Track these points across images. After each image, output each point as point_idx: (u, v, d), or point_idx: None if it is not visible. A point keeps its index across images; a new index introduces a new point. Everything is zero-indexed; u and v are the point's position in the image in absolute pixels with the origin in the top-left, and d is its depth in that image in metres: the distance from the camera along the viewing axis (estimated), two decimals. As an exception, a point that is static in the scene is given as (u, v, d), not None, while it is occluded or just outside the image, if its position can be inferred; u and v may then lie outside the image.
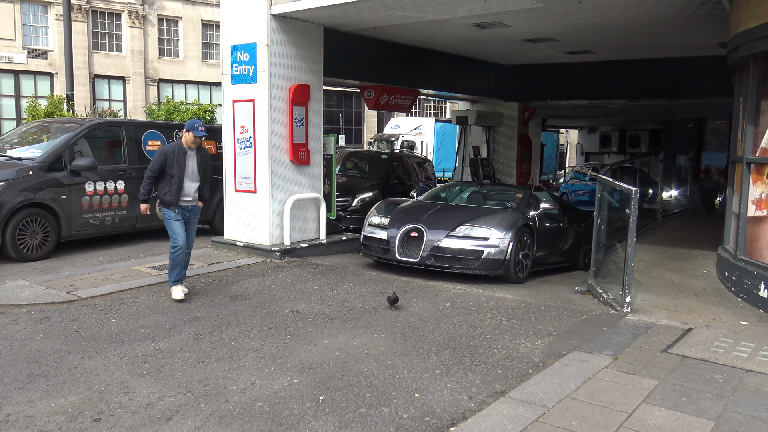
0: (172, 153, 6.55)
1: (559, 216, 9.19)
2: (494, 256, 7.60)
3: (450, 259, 7.74)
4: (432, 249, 7.78)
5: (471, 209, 8.62)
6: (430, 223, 8.06)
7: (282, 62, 8.94)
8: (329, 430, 3.87)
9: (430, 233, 7.87)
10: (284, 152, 9.05)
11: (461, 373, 4.81)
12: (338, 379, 4.64)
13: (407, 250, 7.95)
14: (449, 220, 8.08)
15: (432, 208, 8.61)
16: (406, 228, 8.08)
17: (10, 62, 30.47)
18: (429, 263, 7.79)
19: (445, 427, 3.92)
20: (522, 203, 8.86)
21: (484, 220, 7.92)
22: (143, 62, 33.22)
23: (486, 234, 7.71)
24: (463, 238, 7.75)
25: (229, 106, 9.31)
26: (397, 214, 8.51)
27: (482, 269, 7.67)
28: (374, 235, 8.45)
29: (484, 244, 7.65)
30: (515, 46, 11.36)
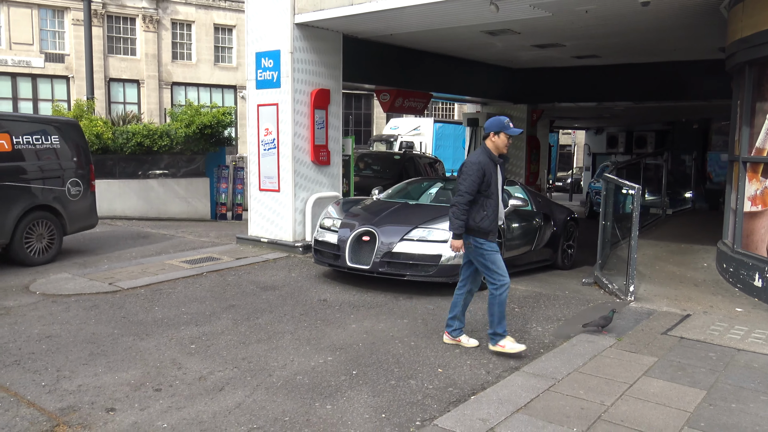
0: (487, 166, 5.06)
1: (532, 213, 8.61)
2: (454, 261, 6.76)
3: (405, 265, 6.96)
4: (385, 254, 7.00)
5: (431, 209, 7.85)
6: (383, 225, 7.30)
7: (304, 68, 9.46)
8: (364, 398, 4.37)
9: (383, 237, 7.09)
10: (306, 153, 9.57)
11: (479, 352, 5.31)
12: (368, 357, 5.15)
13: (359, 256, 7.16)
14: (405, 221, 7.37)
15: (388, 208, 7.87)
16: (357, 231, 7.27)
17: (28, 66, 31.17)
18: (382, 270, 6.99)
19: (466, 395, 4.42)
20: None
21: (443, 221, 6.88)
22: (157, 66, 33.88)
23: (444, 237, 6.83)
24: (420, 242, 6.99)
25: (253, 110, 9.84)
26: (349, 216, 7.77)
27: (440, 276, 6.89)
28: (325, 239, 7.68)
29: (442, 248, 6.87)
30: (524, 51, 11.85)
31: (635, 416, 4.01)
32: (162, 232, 11.51)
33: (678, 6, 7.94)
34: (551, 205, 9.51)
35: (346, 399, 4.37)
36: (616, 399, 4.26)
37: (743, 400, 4.28)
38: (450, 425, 3.87)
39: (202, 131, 14.21)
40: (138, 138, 13.54)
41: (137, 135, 13.59)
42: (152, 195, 14.12)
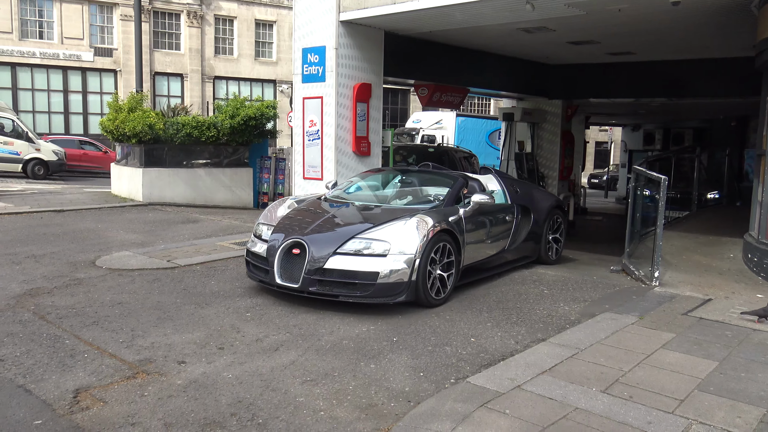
0: None
1: (504, 208, 7.77)
2: (393, 278, 5.85)
3: (338, 284, 5.95)
4: (315, 271, 5.95)
5: (377, 213, 6.91)
6: (317, 234, 6.28)
7: (347, 63, 9.99)
8: (404, 360, 4.88)
9: (313, 249, 6.03)
10: (348, 144, 10.11)
11: (509, 325, 5.78)
12: (407, 327, 5.66)
13: (290, 272, 6.14)
14: (343, 229, 6.42)
15: (328, 212, 6.94)
16: (287, 242, 6.25)
17: (78, 60, 32.43)
18: (312, 290, 5.99)
19: (496, 360, 4.89)
20: (447, 199, 7.08)
21: (383, 230, 6.10)
22: (200, 60, 34.89)
23: (383, 249, 5.92)
24: (356, 256, 5.94)
25: (299, 102, 10.41)
26: (284, 221, 6.74)
27: (378, 297, 5.88)
28: (255, 250, 6.67)
29: (380, 263, 5.87)
30: (560, 48, 12.17)
31: (650, 380, 4.43)
32: (210, 218, 12.19)
33: (708, 5, 8.21)
34: (533, 194, 8.57)
35: (388, 360, 4.88)
36: (633, 366, 4.68)
37: (752, 371, 4.66)
38: (481, 382, 4.35)
39: (246, 123, 14.85)
40: (187, 129, 14.25)
41: (186, 126, 14.30)
42: (199, 183, 14.82)
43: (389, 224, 6.20)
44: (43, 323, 5.51)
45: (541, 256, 8.39)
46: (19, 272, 7.30)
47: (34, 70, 31.65)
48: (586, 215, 18.52)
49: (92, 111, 33.12)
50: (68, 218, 11.59)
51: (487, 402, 4.01)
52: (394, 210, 6.83)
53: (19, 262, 7.79)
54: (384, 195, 7.78)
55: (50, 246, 8.86)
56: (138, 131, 13.68)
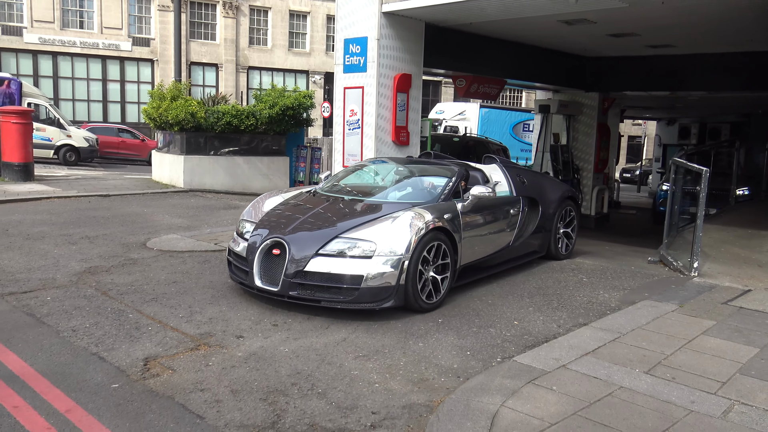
0: None
1: (509, 201, 7.25)
2: (379, 282, 5.37)
3: (320, 288, 5.47)
4: (296, 274, 5.48)
5: (366, 209, 6.29)
6: (298, 233, 5.77)
7: (388, 54, 10.16)
8: (450, 340, 5.08)
9: (294, 250, 5.57)
10: (388, 133, 10.29)
11: (550, 311, 5.94)
12: (451, 310, 5.86)
13: (270, 274, 5.68)
14: (327, 227, 5.83)
15: (314, 208, 6.35)
16: (267, 242, 5.79)
17: (117, 50, 33.11)
18: (293, 294, 5.50)
19: (540, 342, 5.06)
20: (442, 193, 6.52)
21: (369, 229, 5.65)
22: (235, 50, 35.35)
23: (369, 249, 5.46)
24: (339, 257, 5.46)
25: (340, 92, 10.62)
26: (267, 217, 6.30)
27: (363, 302, 5.38)
28: (236, 249, 6.20)
29: (365, 265, 5.40)
30: (599, 40, 12.16)
31: (692, 364, 4.56)
32: (250, 204, 12.52)
33: (755, -3, 8.20)
34: (542, 184, 8.06)
35: (435, 339, 5.09)
36: (675, 350, 4.82)
37: (794, 358, 4.76)
38: (527, 361, 4.53)
39: (284, 112, 15.14)
40: (227, 118, 14.58)
41: (227, 115, 14.63)
42: (238, 171, 15.17)
43: (376, 222, 5.74)
44: (106, 298, 5.83)
45: (551, 252, 7.92)
46: (77, 252, 7.66)
47: (75, 59, 32.42)
48: (619, 209, 18.49)
49: (129, 100, 33.83)
50: (115, 202, 12.01)
51: (534, 379, 4.19)
52: (385, 205, 6.28)
53: (75, 243, 8.15)
54: (378, 188, 7.16)
55: (101, 228, 9.23)
56: (180, 119, 14.05)
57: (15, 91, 20.66)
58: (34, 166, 14.98)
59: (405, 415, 3.79)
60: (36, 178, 14.72)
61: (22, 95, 20.98)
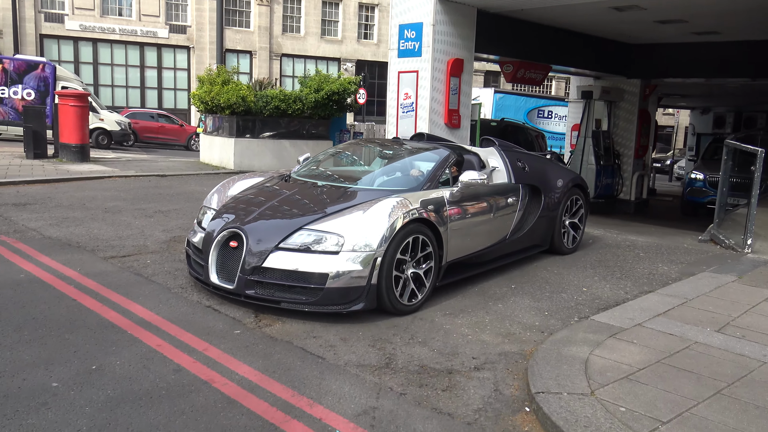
0: None
1: (505, 188, 6.46)
2: (347, 281, 4.67)
3: (281, 287, 4.78)
4: (253, 270, 4.80)
5: (339, 196, 5.52)
6: (258, 223, 5.10)
7: (442, 39, 10.50)
8: (526, 302, 5.47)
9: (252, 242, 4.88)
10: (441, 116, 10.66)
11: (615, 280, 6.30)
12: (521, 278, 6.25)
13: (227, 269, 5.00)
14: (291, 217, 5.13)
15: (281, 194, 5.67)
16: (224, 232, 5.10)
17: (154, 37, 33.77)
18: (250, 293, 4.82)
19: (611, 306, 5.43)
20: (427, 179, 5.79)
21: (338, 219, 4.96)
22: (268, 38, 35.84)
23: (336, 243, 4.75)
24: (302, 252, 4.77)
25: (394, 76, 11.00)
26: (230, 204, 5.61)
27: (328, 304, 4.70)
28: (193, 240, 5.53)
29: (331, 261, 4.69)
30: (645, 26, 12.37)
31: (759, 324, 4.90)
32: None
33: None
34: (545, 171, 7.24)
35: (512, 302, 5.48)
36: (741, 313, 5.16)
37: None
38: (604, 320, 4.90)
39: (330, 97, 15.56)
40: (276, 102, 15.05)
41: (275, 99, 15.09)
42: (284, 154, 15.63)
43: (346, 212, 5.03)
44: (200, 263, 6.29)
45: (555, 245, 7.17)
46: (156, 223, 8.16)
47: (114, 45, 33.15)
48: (655, 195, 18.66)
49: (166, 86, 34.52)
50: (173, 182, 12.55)
51: (614, 334, 4.57)
52: (362, 193, 5.52)
53: (151, 216, 8.67)
54: (358, 173, 6.46)
55: (170, 204, 9.75)
56: (231, 103, 14.54)
57: (49, 75, 21.27)
58: (89, 148, 15.60)
59: (502, 360, 4.19)
60: (91, 160, 15.33)
61: (56, 79, 21.59)
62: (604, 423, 3.23)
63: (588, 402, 3.46)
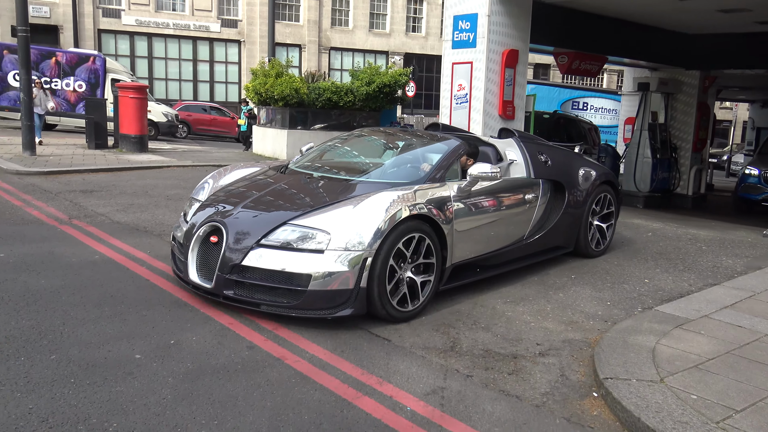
0: None
1: (522, 184, 5.86)
2: (332, 283, 4.19)
3: (261, 288, 4.32)
4: (232, 269, 4.36)
5: (333, 189, 5.03)
6: (241, 217, 4.65)
7: (497, 30, 10.44)
8: (588, 292, 5.44)
9: (232, 238, 4.45)
10: (495, 107, 10.61)
11: (677, 272, 6.20)
12: (580, 269, 6.20)
13: (207, 267, 4.56)
14: (277, 210, 4.71)
15: (272, 186, 5.20)
16: (204, 226, 4.68)
17: (207, 31, 34.46)
18: (228, 294, 4.38)
19: (674, 297, 5.35)
20: (431, 172, 5.23)
21: (325, 214, 4.47)
22: (317, 31, 36.16)
23: (321, 241, 4.27)
24: (284, 249, 4.31)
25: (448, 68, 10.99)
26: (217, 195, 5.18)
27: (310, 308, 4.23)
28: (177, 234, 5.09)
29: (315, 261, 4.22)
30: (706, 16, 12.04)
31: (833, 319, 4.77)
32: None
33: None
34: (570, 165, 6.56)
35: (573, 291, 5.46)
36: (813, 308, 5.03)
37: None
38: (670, 311, 4.84)
39: (381, 90, 15.64)
40: (328, 94, 15.21)
41: (327, 91, 15.26)
42: (335, 146, 15.78)
43: (335, 206, 4.53)
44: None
45: (580, 247, 6.54)
46: (216, 211, 8.37)
47: (168, 40, 33.97)
48: (713, 191, 18.16)
49: (218, 79, 35.21)
50: (229, 172, 12.80)
51: (680, 325, 4.51)
52: (360, 185, 5.04)
53: (211, 204, 8.89)
54: (359, 164, 5.97)
55: (228, 192, 9.97)
56: (285, 95, 14.77)
57: (100, 67, 21.93)
58: (148, 139, 16.07)
59: (566, 347, 4.20)
60: (149, 150, 15.79)
61: (106, 71, 22.21)
62: (675, 409, 3.21)
63: (658, 389, 3.44)
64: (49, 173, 10.80)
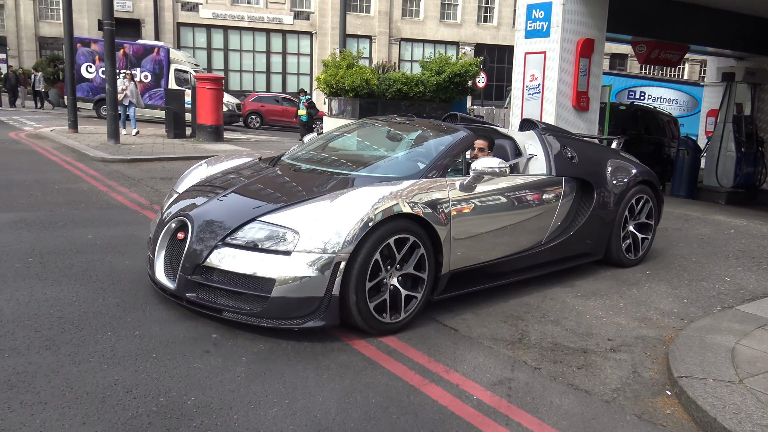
0: None
1: (541, 182, 5.23)
2: (298, 290, 3.68)
3: (224, 292, 3.83)
4: (194, 269, 3.90)
5: (318, 182, 4.51)
6: (209, 210, 4.20)
7: (572, 18, 10.18)
8: (663, 289, 5.27)
9: (196, 235, 3.99)
10: (568, 98, 10.37)
11: (761, 271, 5.91)
12: (656, 264, 6.01)
13: (173, 265, 4.10)
14: (248, 206, 4.17)
15: (252, 178, 4.73)
16: (173, 221, 4.24)
17: (280, 23, 35.15)
18: (190, 297, 3.91)
19: (758, 296, 5.11)
20: (430, 166, 4.63)
21: (295, 210, 3.96)
22: (388, 22, 36.24)
23: (288, 241, 3.77)
24: (249, 249, 3.81)
25: (520, 58, 10.81)
26: (196, 187, 4.80)
27: (273, 317, 3.71)
28: (151, 227, 4.68)
29: (280, 264, 3.70)
30: (800, 0, 11.35)
31: None
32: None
33: None
34: (601, 161, 5.83)
35: (648, 288, 5.30)
36: None
37: None
38: (751, 311, 4.63)
39: (451, 80, 15.54)
40: (398, 85, 15.24)
41: (397, 82, 15.29)
42: (404, 136, 15.81)
43: (309, 202, 4.01)
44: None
45: (611, 255, 5.77)
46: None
47: (242, 32, 34.85)
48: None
49: (290, 71, 35.89)
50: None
51: (763, 325, 4.31)
52: (347, 180, 4.51)
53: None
54: (357, 156, 5.50)
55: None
56: (356, 86, 14.91)
57: (164, 58, 22.66)
58: (223, 129, 16.58)
59: (639, 344, 4.09)
60: (224, 140, 16.29)
61: (170, 62, 22.89)
62: (755, 411, 3.09)
63: (736, 390, 3.31)
64: (131, 161, 11.33)
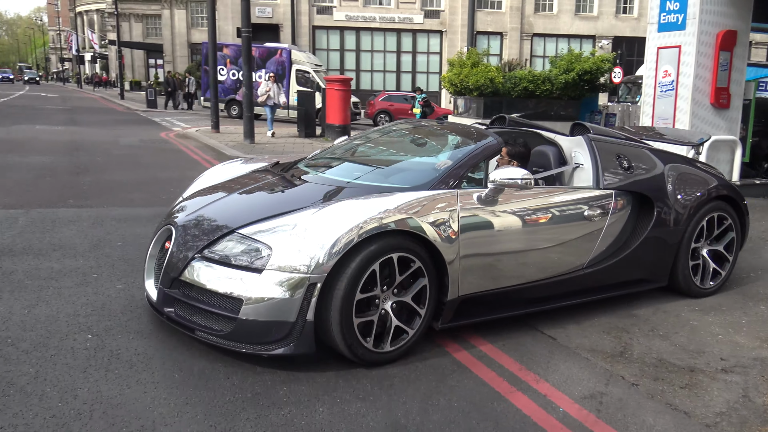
0: None
1: (584, 197, 4.45)
2: (266, 313, 3.32)
3: (196, 310, 3.56)
4: (171, 282, 3.68)
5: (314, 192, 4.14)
6: (195, 220, 3.96)
7: (711, 9, 9.46)
8: None
9: (176, 245, 3.79)
10: (706, 95, 9.66)
11: None
12: None
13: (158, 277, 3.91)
14: (234, 215, 3.91)
15: (254, 184, 4.48)
16: (161, 229, 4.12)
17: (410, 23, 35.59)
18: (169, 313, 3.67)
19: None
20: (441, 175, 4.06)
21: (274, 222, 3.61)
22: (520, 18, 35.53)
23: (261, 257, 3.43)
24: (222, 265, 3.51)
25: (652, 53, 10.23)
26: (201, 192, 4.59)
27: (240, 340, 3.38)
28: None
29: (249, 282, 3.36)
30: None
31: None
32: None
33: None
34: (663, 173, 4.92)
35: None
36: None
37: None
38: None
39: (581, 77, 14.98)
40: (524, 83, 14.95)
41: (523, 80, 15.00)
42: (529, 135, 15.49)
43: (291, 215, 3.64)
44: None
45: (677, 282, 4.92)
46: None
47: (374, 33, 35.71)
48: None
49: (419, 70, 36.27)
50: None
51: None
52: (347, 190, 4.07)
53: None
54: (372, 164, 4.71)
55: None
56: (480, 84, 14.81)
57: (286, 59, 23.57)
58: (351, 129, 17.14)
59: (757, 365, 3.78)
60: (352, 138, 16.83)
61: (291, 63, 23.75)
62: None
63: None
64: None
